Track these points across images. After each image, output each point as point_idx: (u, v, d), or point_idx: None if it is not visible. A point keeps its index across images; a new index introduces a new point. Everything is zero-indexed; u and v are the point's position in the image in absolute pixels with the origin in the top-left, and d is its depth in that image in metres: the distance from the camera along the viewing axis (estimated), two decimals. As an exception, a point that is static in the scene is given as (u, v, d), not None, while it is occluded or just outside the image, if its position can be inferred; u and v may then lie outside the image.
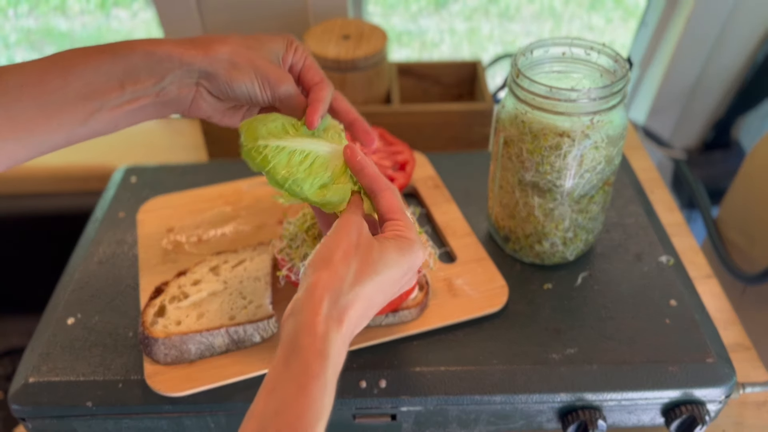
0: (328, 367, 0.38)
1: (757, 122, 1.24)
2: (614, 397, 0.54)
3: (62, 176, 1.00)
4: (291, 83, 0.47)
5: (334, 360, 0.39)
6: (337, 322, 0.40)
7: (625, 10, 1.91)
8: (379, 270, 0.42)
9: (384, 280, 0.43)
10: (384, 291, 0.43)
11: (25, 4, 2.08)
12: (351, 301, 0.41)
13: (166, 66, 0.43)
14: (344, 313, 0.40)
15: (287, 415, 0.37)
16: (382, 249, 0.43)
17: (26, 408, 0.53)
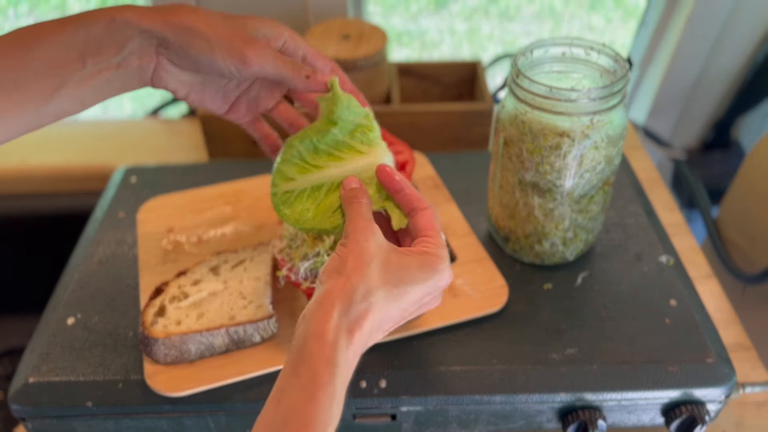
0: (337, 375, 0.37)
1: (757, 122, 1.24)
2: (614, 397, 0.54)
3: (62, 176, 1.00)
4: (262, 47, 0.43)
5: (343, 369, 0.38)
6: (348, 331, 0.39)
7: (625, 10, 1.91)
8: (396, 283, 0.41)
9: (401, 295, 0.41)
10: (401, 307, 0.42)
11: (25, 4, 2.08)
12: (364, 311, 0.39)
13: (125, 33, 0.41)
14: (356, 324, 0.39)
15: (295, 423, 0.36)
16: (402, 261, 0.42)
17: (26, 408, 0.53)
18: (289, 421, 0.36)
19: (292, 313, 0.58)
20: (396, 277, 0.41)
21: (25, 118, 0.40)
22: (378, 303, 0.40)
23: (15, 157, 1.01)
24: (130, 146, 1.03)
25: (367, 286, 0.40)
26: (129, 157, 0.98)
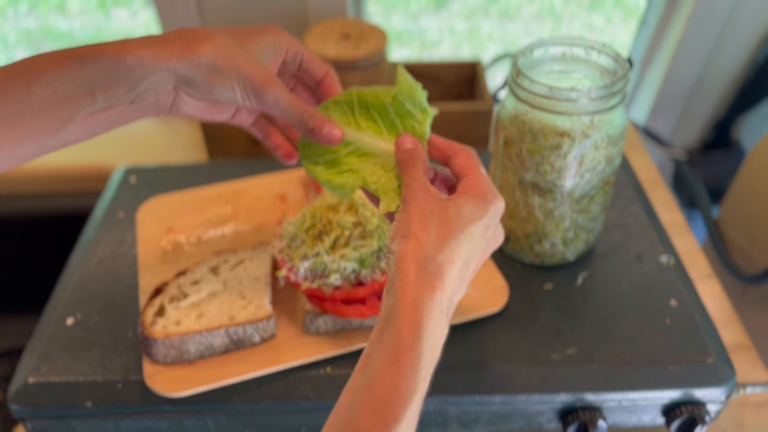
0: (423, 337, 0.36)
1: (758, 122, 1.24)
2: (614, 397, 0.54)
3: (62, 176, 1.00)
4: (278, 88, 0.43)
5: (431, 330, 0.37)
6: (430, 288, 0.38)
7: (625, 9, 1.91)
8: (460, 227, 0.40)
9: (468, 237, 0.40)
10: (472, 249, 0.41)
11: (25, 4, 2.08)
12: (440, 264, 0.38)
13: (138, 73, 0.40)
14: (436, 279, 0.38)
15: (378, 387, 0.35)
16: (457, 206, 0.41)
17: (26, 408, 0.53)
18: (373, 386, 0.36)
19: (292, 314, 0.58)
20: (458, 223, 0.40)
21: (26, 149, 0.39)
22: (452, 253, 0.39)
23: (15, 157, 1.01)
24: (130, 146, 1.03)
25: (437, 241, 0.39)
26: (129, 157, 0.97)
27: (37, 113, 0.38)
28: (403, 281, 0.38)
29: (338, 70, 0.85)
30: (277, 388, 0.54)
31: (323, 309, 0.55)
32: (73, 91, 0.39)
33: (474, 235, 0.41)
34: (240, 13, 1.00)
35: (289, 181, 0.74)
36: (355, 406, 0.36)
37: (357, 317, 0.54)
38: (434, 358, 0.38)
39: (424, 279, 0.38)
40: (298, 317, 0.58)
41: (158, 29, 1.02)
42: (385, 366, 0.36)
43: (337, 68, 0.85)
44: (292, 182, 0.74)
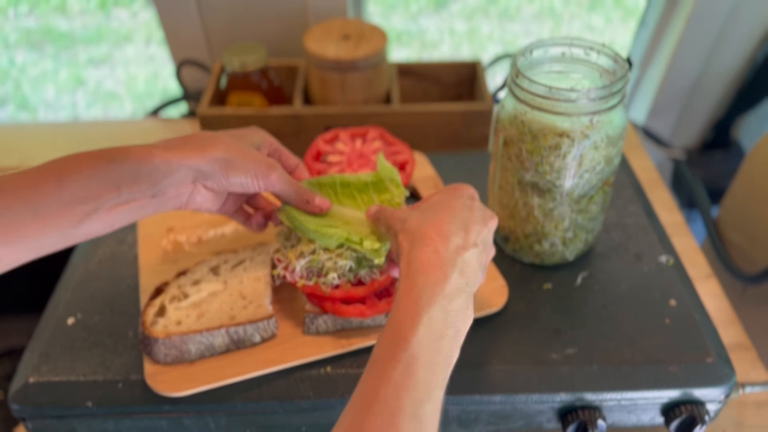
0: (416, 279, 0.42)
1: (757, 122, 1.24)
2: (614, 396, 0.54)
3: (62, 176, 1.00)
4: (280, 171, 0.51)
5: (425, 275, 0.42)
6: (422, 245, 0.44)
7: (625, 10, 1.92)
8: (433, 205, 0.48)
9: (445, 208, 0.47)
10: (458, 216, 0.46)
11: (25, 4, 2.08)
12: (427, 229, 0.45)
13: (164, 170, 0.45)
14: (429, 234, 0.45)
15: (387, 327, 0.41)
16: (427, 200, 0.49)
17: (26, 408, 0.53)
18: (385, 327, 0.42)
19: (292, 313, 0.58)
20: (430, 205, 0.48)
21: (48, 240, 0.42)
22: (433, 219, 0.45)
23: (15, 157, 1.01)
24: (130, 146, 1.03)
25: (420, 217, 0.46)
26: (129, 157, 0.97)
27: (65, 206, 0.41)
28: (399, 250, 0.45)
29: (338, 71, 0.86)
30: (277, 387, 0.54)
31: (323, 308, 0.55)
32: (101, 187, 0.43)
33: (450, 205, 0.47)
34: (240, 13, 1.00)
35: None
36: (375, 348, 0.41)
37: (357, 316, 0.54)
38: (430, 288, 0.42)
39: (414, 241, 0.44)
40: (298, 317, 0.58)
41: (158, 29, 1.02)
42: (393, 310, 0.42)
43: (337, 68, 0.85)
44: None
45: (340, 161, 0.71)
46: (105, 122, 1.13)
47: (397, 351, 0.39)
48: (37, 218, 0.41)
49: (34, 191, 0.40)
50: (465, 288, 0.43)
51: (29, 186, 0.40)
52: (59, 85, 2.01)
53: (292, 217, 0.54)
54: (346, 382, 0.54)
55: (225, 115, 0.88)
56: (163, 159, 0.44)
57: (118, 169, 0.43)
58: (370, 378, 0.39)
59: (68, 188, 0.41)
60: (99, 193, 0.42)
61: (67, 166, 0.42)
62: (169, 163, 0.45)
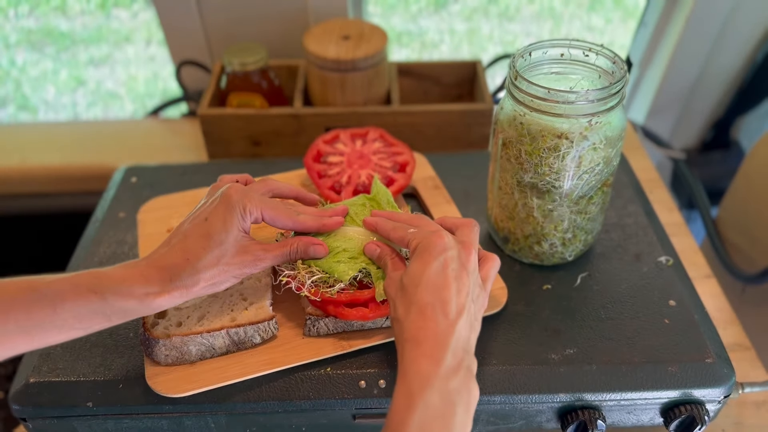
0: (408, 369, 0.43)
1: (757, 122, 1.24)
2: (613, 397, 0.54)
3: (62, 176, 1.01)
4: (262, 260, 0.51)
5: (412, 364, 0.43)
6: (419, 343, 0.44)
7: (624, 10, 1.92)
8: (414, 285, 0.46)
9: (424, 285, 0.46)
10: (438, 290, 0.46)
11: (26, 5, 2.08)
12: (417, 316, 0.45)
13: (155, 309, 0.47)
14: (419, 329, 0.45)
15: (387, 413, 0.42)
16: (407, 274, 0.47)
17: (27, 408, 0.54)
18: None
19: (293, 315, 0.58)
20: (412, 285, 0.47)
21: (29, 348, 0.45)
22: (419, 302, 0.45)
23: (15, 157, 1.01)
24: (130, 146, 1.03)
25: (407, 304, 0.46)
26: (129, 157, 0.98)
27: (57, 328, 0.44)
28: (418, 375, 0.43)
29: (338, 71, 0.86)
30: (277, 388, 0.54)
31: (325, 312, 0.55)
32: (93, 317, 0.45)
33: (430, 280, 0.46)
34: (240, 13, 1.00)
35: (289, 182, 0.74)
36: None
37: (360, 320, 0.54)
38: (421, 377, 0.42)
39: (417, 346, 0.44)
40: (298, 318, 0.58)
41: (158, 29, 1.02)
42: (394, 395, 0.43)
43: (337, 69, 0.85)
44: (293, 183, 0.74)
45: (340, 162, 0.71)
46: (105, 122, 1.13)
47: None
48: (27, 336, 0.44)
49: (27, 315, 0.43)
50: (462, 364, 0.43)
51: (23, 311, 0.43)
52: (59, 86, 2.01)
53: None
54: (346, 382, 0.54)
55: (225, 115, 0.88)
56: (154, 304, 0.46)
57: (114, 305, 0.45)
58: None
59: (61, 315, 0.44)
60: (91, 322, 0.45)
61: (62, 296, 0.44)
62: (160, 306, 0.47)
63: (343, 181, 0.69)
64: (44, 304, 0.44)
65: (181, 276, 0.47)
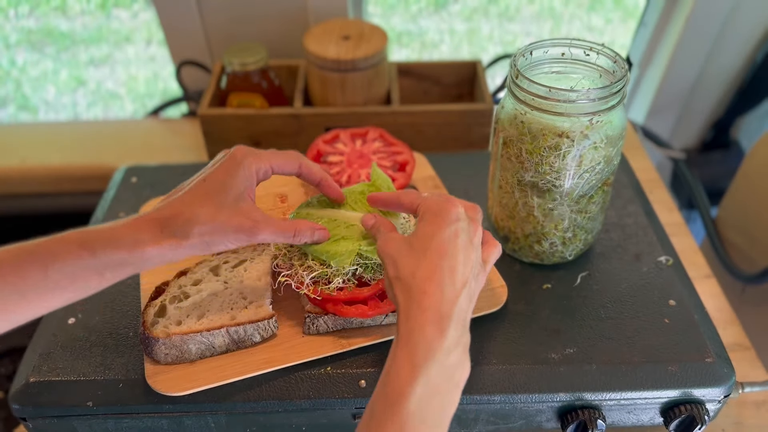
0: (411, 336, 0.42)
1: (757, 122, 1.24)
2: (613, 396, 0.54)
3: (62, 176, 1.00)
4: (263, 228, 0.49)
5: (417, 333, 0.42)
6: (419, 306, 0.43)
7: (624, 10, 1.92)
8: (424, 248, 0.45)
9: (435, 250, 0.45)
10: (450, 257, 0.45)
11: (26, 5, 2.08)
12: (420, 282, 0.44)
13: (147, 259, 0.46)
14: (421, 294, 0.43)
15: (380, 381, 0.42)
16: (416, 235, 0.46)
17: (27, 408, 0.54)
18: (379, 380, 0.43)
19: (292, 313, 0.58)
20: (421, 246, 0.45)
21: (38, 312, 0.45)
22: (428, 269, 0.44)
23: (15, 157, 1.01)
24: (130, 146, 1.03)
25: (411, 267, 0.45)
26: (129, 157, 0.98)
27: (49, 290, 0.44)
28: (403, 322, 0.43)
29: (338, 71, 0.86)
30: (277, 387, 0.54)
31: (324, 309, 0.55)
32: (85, 274, 0.44)
33: (441, 245, 0.45)
34: (240, 13, 1.00)
35: (289, 182, 0.74)
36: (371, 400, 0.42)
37: (359, 317, 0.54)
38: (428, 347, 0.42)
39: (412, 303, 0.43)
40: (298, 317, 0.58)
41: (158, 29, 1.02)
42: (388, 361, 0.42)
43: (337, 69, 0.85)
44: (293, 182, 0.74)
45: (340, 161, 0.71)
46: (105, 122, 1.13)
47: (394, 409, 0.40)
48: (23, 300, 0.43)
49: (19, 277, 0.43)
50: (461, 338, 0.43)
51: (14, 272, 0.43)
52: (60, 86, 2.01)
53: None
54: (346, 381, 0.54)
55: (225, 115, 0.88)
56: (144, 255, 0.45)
57: (104, 258, 0.44)
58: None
59: (52, 276, 0.43)
60: (84, 279, 0.44)
61: (52, 254, 0.43)
62: (151, 259, 0.46)
63: (343, 181, 0.69)
64: (35, 265, 0.43)
65: (172, 227, 0.46)
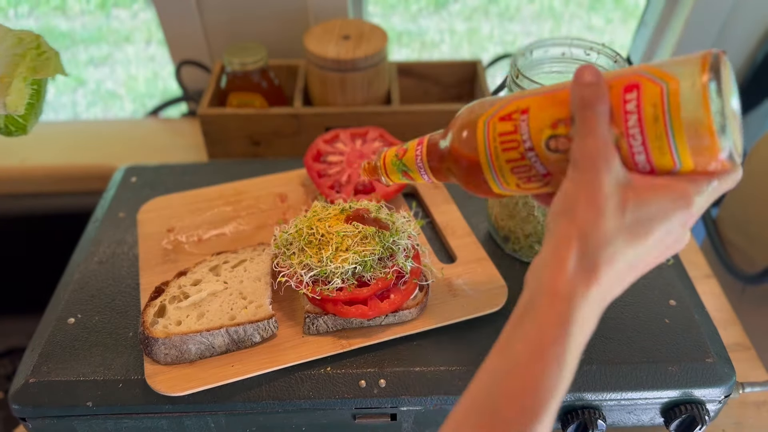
0: (570, 334, 0.33)
1: (757, 122, 1.24)
2: (614, 396, 0.54)
3: (62, 176, 1.00)
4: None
5: (579, 327, 0.34)
6: (584, 283, 0.34)
7: (624, 10, 1.92)
8: (635, 225, 0.34)
9: (644, 237, 0.35)
10: (641, 253, 0.35)
11: (26, 4, 2.08)
12: (601, 263, 0.34)
13: None
14: (593, 277, 0.34)
15: (520, 377, 0.34)
16: (640, 202, 0.35)
17: (26, 408, 0.53)
18: (515, 375, 0.34)
19: (292, 313, 0.58)
20: (635, 217, 0.34)
21: None
22: (617, 252, 0.34)
23: (15, 157, 1.01)
24: (130, 146, 1.03)
25: (604, 234, 0.34)
26: (129, 156, 0.98)
27: None
28: (556, 271, 0.34)
29: (338, 71, 0.86)
30: (277, 387, 0.54)
31: (324, 309, 0.55)
32: None
33: (652, 235, 0.35)
34: (240, 13, 1.00)
35: (289, 181, 0.74)
36: (495, 388, 0.34)
37: (359, 317, 0.54)
38: (578, 356, 0.35)
39: (580, 276, 0.34)
40: (298, 317, 0.58)
41: (158, 29, 1.02)
42: (530, 357, 0.34)
43: (338, 68, 0.85)
44: (293, 182, 0.74)
45: (340, 161, 0.71)
46: (105, 122, 1.13)
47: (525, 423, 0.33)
48: None
49: None
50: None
51: None
52: (59, 85, 2.01)
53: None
54: (346, 381, 0.54)
55: (225, 115, 0.88)
56: None
57: None
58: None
59: None
60: None
61: None
62: None
63: (342, 181, 0.69)
64: None
65: None
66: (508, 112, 0.39)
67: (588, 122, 0.35)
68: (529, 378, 0.34)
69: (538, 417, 0.33)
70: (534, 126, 0.38)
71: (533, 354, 0.34)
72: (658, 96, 0.34)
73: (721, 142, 0.33)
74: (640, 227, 0.35)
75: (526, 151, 0.38)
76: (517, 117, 0.38)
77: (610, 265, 0.34)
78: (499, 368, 0.35)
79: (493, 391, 0.34)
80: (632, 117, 0.34)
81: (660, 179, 0.35)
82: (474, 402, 0.35)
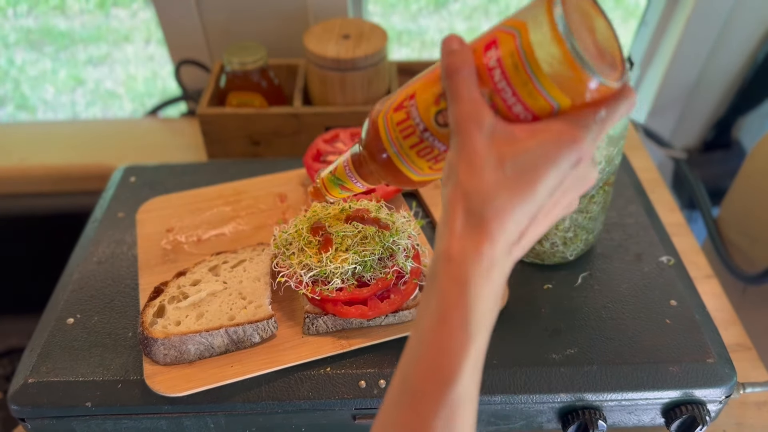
0: (469, 294, 0.33)
1: (758, 122, 1.24)
2: (614, 397, 0.54)
3: (62, 176, 1.00)
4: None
5: (477, 285, 0.33)
6: (474, 242, 0.33)
7: (625, 9, 1.91)
8: (518, 176, 0.34)
9: (528, 187, 0.34)
10: (536, 200, 0.34)
11: (25, 4, 2.08)
12: (488, 220, 0.33)
13: None
14: (484, 235, 0.33)
15: (428, 349, 0.34)
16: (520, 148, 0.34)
17: (25, 408, 0.53)
18: (423, 348, 0.34)
19: (292, 314, 0.58)
20: (518, 168, 0.34)
21: None
22: (505, 205, 0.34)
23: (15, 157, 1.01)
24: (129, 146, 1.02)
25: (486, 190, 0.34)
26: (128, 156, 0.97)
27: None
28: (448, 232, 0.34)
29: (338, 70, 0.85)
30: (277, 388, 0.54)
31: (324, 310, 0.55)
32: None
33: (537, 186, 0.34)
34: (240, 13, 1.00)
35: (289, 181, 0.74)
36: (409, 369, 0.35)
37: (358, 318, 0.54)
38: (486, 313, 0.34)
39: (468, 231, 0.34)
40: (297, 317, 0.58)
41: (158, 29, 1.02)
42: (434, 325, 0.34)
43: (337, 68, 0.85)
44: (292, 182, 0.74)
45: (340, 161, 0.71)
46: (104, 122, 1.13)
47: (440, 390, 0.34)
48: None
49: None
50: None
51: None
52: (58, 85, 2.01)
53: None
54: (346, 382, 0.54)
55: (224, 114, 0.87)
56: None
57: None
58: (404, 414, 0.34)
59: None
60: None
61: None
62: None
63: (343, 181, 0.69)
64: None
65: None
66: (399, 102, 0.41)
67: (454, 88, 0.36)
68: (436, 344, 0.34)
69: (452, 382, 0.33)
70: (421, 107, 0.39)
71: (438, 321, 0.34)
72: (512, 44, 0.34)
73: (585, 70, 0.33)
74: (525, 175, 0.34)
75: (422, 132, 0.39)
76: (407, 104, 0.40)
77: (499, 220, 0.34)
78: (413, 341, 0.36)
79: (407, 373, 0.35)
80: (496, 72, 0.35)
81: (540, 124, 0.35)
82: (396, 379, 0.36)
